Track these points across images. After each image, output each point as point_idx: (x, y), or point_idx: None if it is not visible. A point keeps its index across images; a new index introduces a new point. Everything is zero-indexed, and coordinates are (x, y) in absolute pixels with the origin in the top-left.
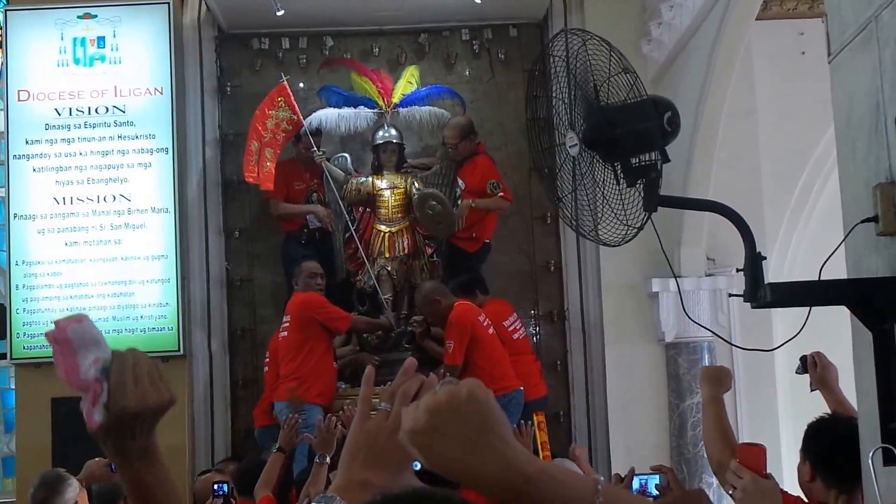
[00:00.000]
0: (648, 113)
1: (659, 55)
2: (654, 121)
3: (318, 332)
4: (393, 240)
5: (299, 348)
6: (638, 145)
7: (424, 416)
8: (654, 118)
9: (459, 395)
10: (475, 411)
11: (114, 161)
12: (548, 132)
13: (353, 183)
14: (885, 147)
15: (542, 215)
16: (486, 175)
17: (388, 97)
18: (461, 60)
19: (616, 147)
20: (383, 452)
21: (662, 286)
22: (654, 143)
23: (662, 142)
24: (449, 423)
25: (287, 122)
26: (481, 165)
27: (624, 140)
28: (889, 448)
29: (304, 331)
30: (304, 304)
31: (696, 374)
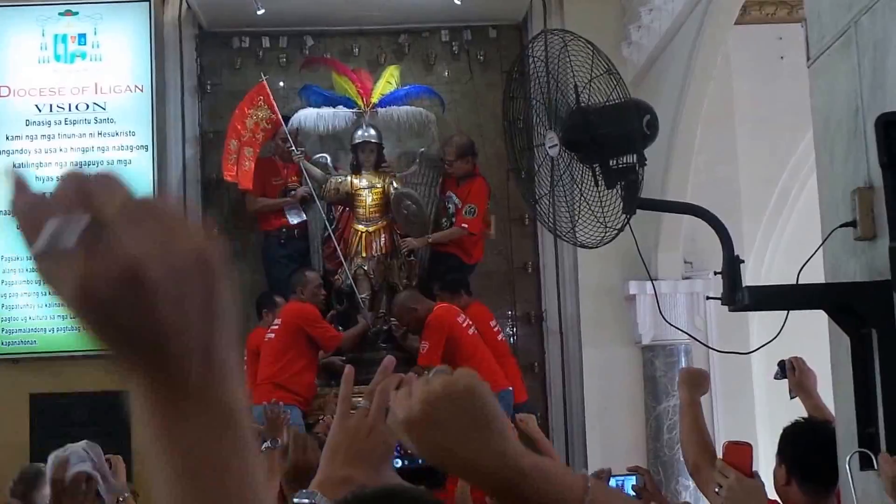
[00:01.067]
0: (629, 115)
1: (638, 58)
2: (634, 123)
3: (304, 344)
4: (370, 239)
5: (282, 353)
6: (618, 147)
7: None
8: (635, 121)
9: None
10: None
11: (94, 157)
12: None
13: (331, 182)
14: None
15: (519, 216)
16: (475, 200)
17: (367, 97)
18: (440, 61)
19: (595, 148)
20: (363, 449)
21: (640, 289)
22: (633, 145)
23: (640, 145)
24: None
25: (266, 121)
26: (476, 189)
27: (604, 142)
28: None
29: (291, 339)
30: (300, 314)
31: (672, 378)
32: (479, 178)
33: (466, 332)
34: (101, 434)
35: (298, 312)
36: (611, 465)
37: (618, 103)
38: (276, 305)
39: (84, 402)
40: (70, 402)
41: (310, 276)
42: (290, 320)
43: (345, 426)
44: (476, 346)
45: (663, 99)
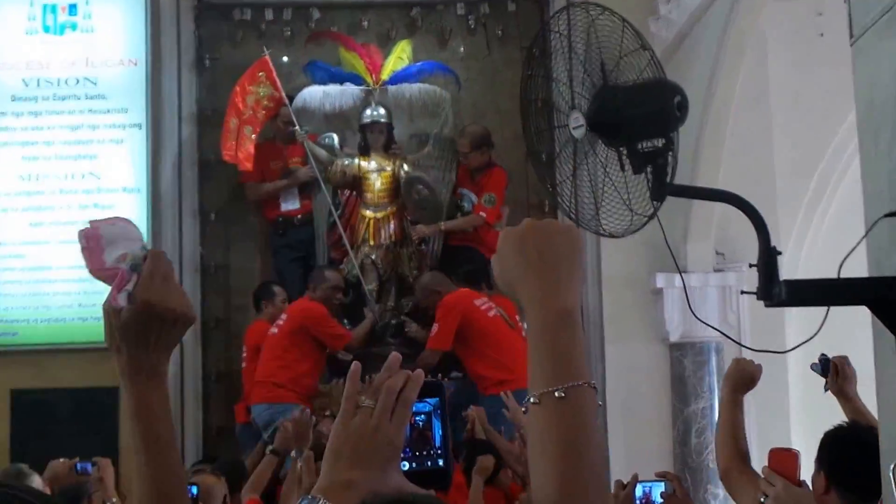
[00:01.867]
0: (659, 95)
1: (667, 34)
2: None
3: (310, 344)
4: (378, 226)
5: (285, 352)
6: (646, 129)
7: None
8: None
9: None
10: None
11: (84, 136)
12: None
13: (337, 164)
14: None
15: (538, 203)
16: (493, 189)
17: (376, 73)
18: (455, 37)
19: (622, 130)
20: (368, 451)
21: (667, 282)
22: (663, 127)
23: (669, 127)
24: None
25: (268, 98)
26: (495, 179)
27: (631, 123)
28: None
29: (296, 338)
30: (306, 313)
31: (701, 377)
32: (495, 167)
33: (485, 314)
34: (85, 432)
35: (305, 312)
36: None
37: (646, 82)
38: (275, 296)
39: (68, 398)
40: (53, 398)
41: (329, 276)
42: (296, 319)
43: (348, 426)
44: (499, 329)
45: (694, 78)
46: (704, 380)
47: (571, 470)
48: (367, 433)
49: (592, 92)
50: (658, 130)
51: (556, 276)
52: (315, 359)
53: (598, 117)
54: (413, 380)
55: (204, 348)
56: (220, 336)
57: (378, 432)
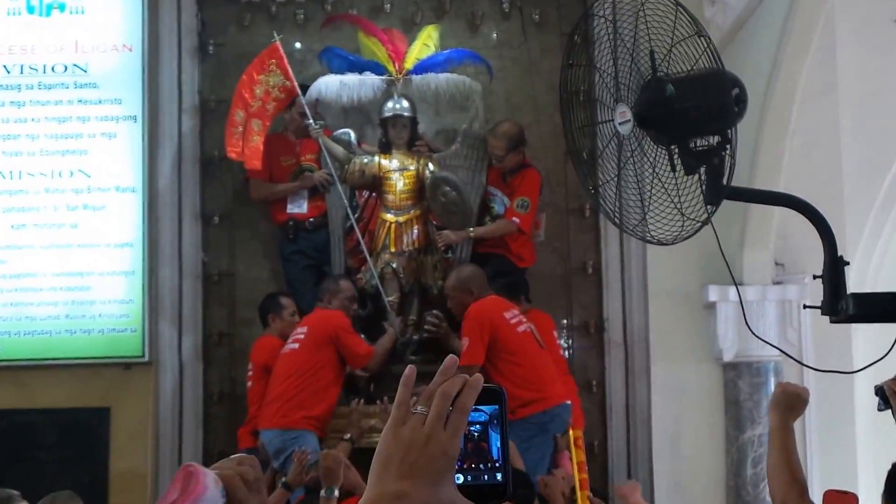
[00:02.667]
0: (715, 87)
1: (724, 20)
2: (721, 97)
3: (333, 358)
4: (400, 231)
5: (306, 367)
6: (700, 125)
7: None
8: (722, 94)
9: None
10: None
11: (72, 129)
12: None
13: (355, 163)
14: None
15: (578, 207)
16: (527, 192)
17: (399, 62)
18: (488, 21)
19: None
20: (420, 461)
21: (721, 295)
22: (719, 123)
23: (726, 123)
24: None
25: (279, 88)
26: (529, 181)
27: (684, 118)
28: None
29: (320, 351)
30: (331, 321)
31: (759, 401)
32: (529, 168)
33: (515, 328)
34: (72, 458)
35: (330, 319)
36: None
37: (701, 73)
38: (283, 308)
39: (53, 420)
40: (37, 420)
41: (343, 286)
42: (321, 328)
43: (399, 434)
44: (526, 346)
45: (753, 69)
46: (761, 404)
47: None
48: (420, 442)
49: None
50: (713, 127)
51: None
52: (338, 372)
53: (647, 111)
54: (471, 385)
55: (206, 365)
56: (223, 352)
57: (431, 441)
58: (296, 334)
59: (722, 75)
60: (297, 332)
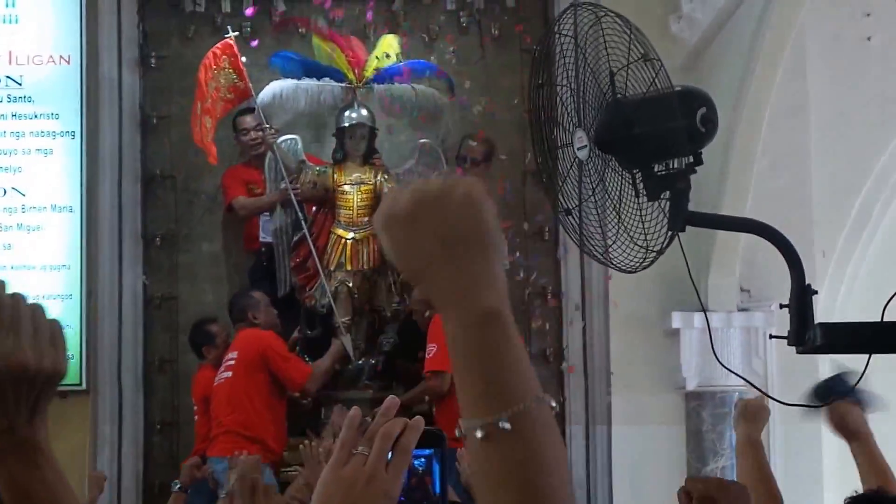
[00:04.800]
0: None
1: (691, 36)
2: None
3: (268, 383)
4: (356, 248)
5: (243, 397)
6: (662, 149)
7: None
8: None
9: (456, 187)
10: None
11: (6, 145)
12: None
13: (308, 174)
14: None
15: (537, 230)
16: None
17: (359, 69)
18: (444, 36)
19: (635, 151)
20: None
21: (685, 321)
22: (682, 146)
23: (693, 145)
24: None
25: (229, 88)
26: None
27: (644, 142)
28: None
29: (255, 376)
30: (260, 343)
31: (721, 432)
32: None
33: None
34: None
35: (259, 340)
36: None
37: (663, 93)
38: (215, 337)
39: None
40: None
41: (258, 297)
42: (251, 351)
43: (340, 475)
44: None
45: (721, 88)
46: (725, 435)
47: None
48: (361, 483)
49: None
50: (678, 150)
51: (469, 268)
52: (279, 398)
53: (606, 135)
54: (412, 427)
55: (146, 393)
56: (165, 379)
57: (373, 482)
58: (227, 361)
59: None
60: (228, 357)
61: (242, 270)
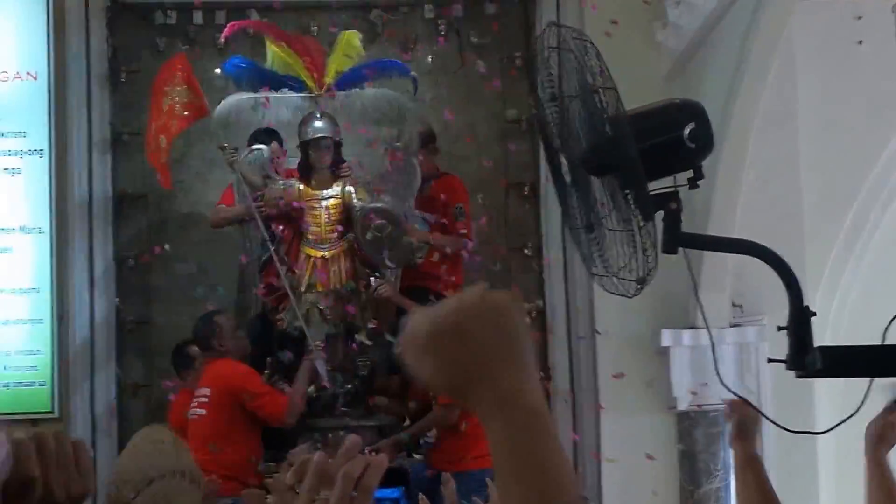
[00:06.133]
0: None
1: (677, 44)
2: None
3: (243, 419)
4: (326, 267)
5: (221, 435)
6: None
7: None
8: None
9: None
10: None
11: None
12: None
13: (273, 189)
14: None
15: (520, 246)
16: (458, 198)
17: (319, 75)
18: (423, 44)
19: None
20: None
21: (675, 339)
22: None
23: (683, 163)
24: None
25: (183, 105)
26: (456, 185)
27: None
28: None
29: (229, 412)
30: (234, 382)
31: (715, 452)
32: (449, 174)
33: None
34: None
35: (231, 378)
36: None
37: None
38: (194, 360)
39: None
40: None
41: (222, 322)
42: (223, 390)
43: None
44: None
45: (708, 97)
46: (718, 455)
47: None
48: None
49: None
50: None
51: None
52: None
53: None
54: (375, 466)
55: (120, 421)
56: (139, 405)
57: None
58: (198, 396)
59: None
60: (199, 393)
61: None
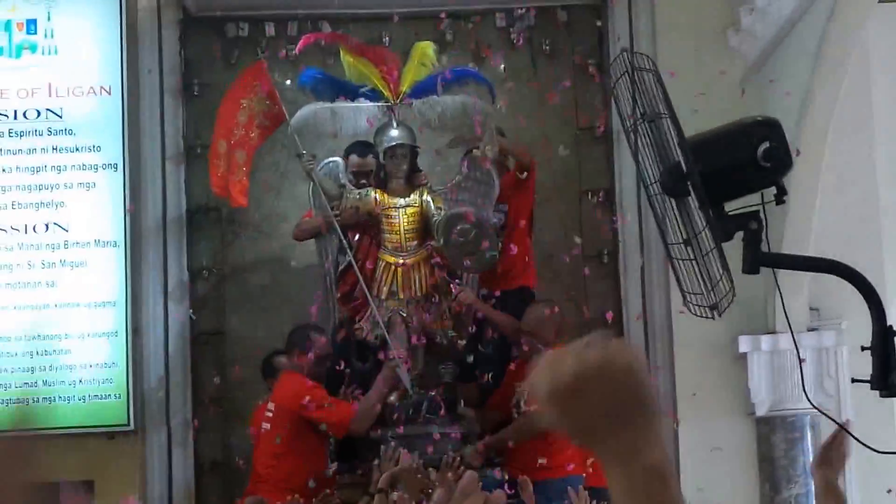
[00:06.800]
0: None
1: (750, 50)
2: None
3: (310, 431)
4: (408, 274)
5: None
6: (728, 189)
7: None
8: (743, 151)
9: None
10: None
11: (47, 180)
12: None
13: (348, 199)
14: None
15: (596, 253)
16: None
17: (395, 85)
18: (495, 53)
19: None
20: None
21: (753, 345)
22: (748, 184)
23: (761, 182)
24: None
25: (264, 115)
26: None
27: (706, 183)
28: None
29: (292, 427)
30: (294, 396)
31: (794, 458)
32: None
33: None
34: None
35: (293, 397)
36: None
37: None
38: (278, 371)
39: None
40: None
41: (316, 341)
42: (285, 407)
43: None
44: None
45: (782, 104)
46: (798, 460)
47: None
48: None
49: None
50: (743, 188)
51: (634, 430)
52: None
53: (669, 180)
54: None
55: (196, 432)
56: (215, 418)
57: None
58: (268, 410)
59: (747, 130)
60: (269, 407)
61: (293, 302)
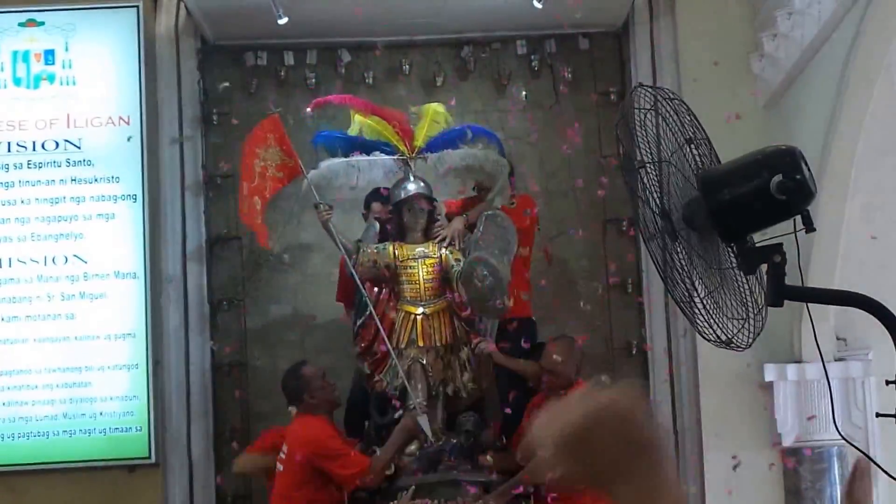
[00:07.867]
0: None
1: (773, 76)
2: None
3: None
4: (428, 323)
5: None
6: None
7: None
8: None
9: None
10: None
11: (66, 211)
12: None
13: (366, 252)
14: None
15: (620, 283)
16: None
17: (409, 140)
18: (516, 80)
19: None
20: None
21: (779, 374)
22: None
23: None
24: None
25: (276, 167)
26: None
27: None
28: None
29: (301, 471)
30: (308, 445)
31: (821, 489)
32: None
33: None
34: None
35: (307, 441)
36: None
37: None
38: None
39: None
40: None
41: (307, 373)
42: (298, 451)
43: None
44: None
45: (807, 129)
46: (825, 492)
47: None
48: None
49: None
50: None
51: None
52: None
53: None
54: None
55: (218, 465)
56: (236, 450)
57: None
58: (282, 450)
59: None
60: (283, 448)
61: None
